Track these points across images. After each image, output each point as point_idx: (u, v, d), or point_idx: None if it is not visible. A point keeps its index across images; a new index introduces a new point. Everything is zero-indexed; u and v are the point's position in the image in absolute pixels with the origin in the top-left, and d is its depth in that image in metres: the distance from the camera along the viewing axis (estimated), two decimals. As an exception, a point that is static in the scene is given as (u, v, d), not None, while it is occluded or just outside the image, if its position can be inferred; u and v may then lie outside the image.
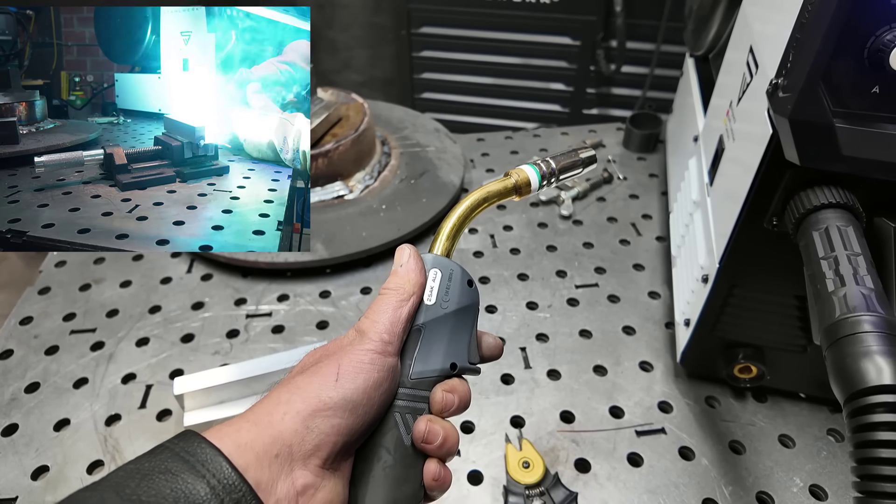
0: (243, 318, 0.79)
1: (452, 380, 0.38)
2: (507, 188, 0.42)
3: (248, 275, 0.85)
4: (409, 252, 0.38)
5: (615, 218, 0.95)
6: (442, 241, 0.40)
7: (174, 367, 0.72)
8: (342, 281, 0.84)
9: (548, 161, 0.44)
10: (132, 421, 0.67)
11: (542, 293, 0.81)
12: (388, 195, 0.93)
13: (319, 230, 0.86)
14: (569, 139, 1.14)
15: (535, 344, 0.75)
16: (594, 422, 0.66)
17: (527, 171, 0.43)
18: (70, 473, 0.62)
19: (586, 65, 1.48)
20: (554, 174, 0.44)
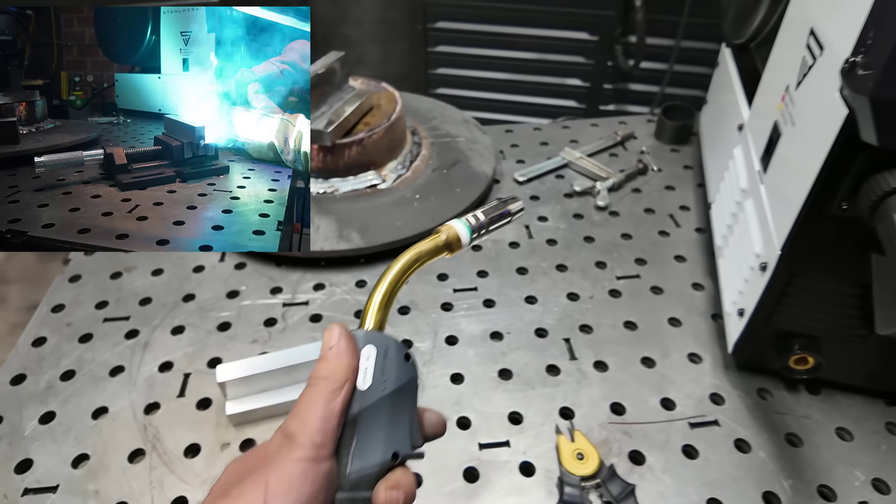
0: (280, 306, 0.78)
1: (395, 472, 0.34)
2: (439, 246, 0.41)
3: (282, 264, 0.84)
4: (339, 332, 0.34)
5: (652, 209, 0.93)
6: (374, 314, 0.37)
7: (212, 356, 0.71)
8: (377, 270, 0.83)
9: (476, 216, 0.44)
10: (171, 409, 0.65)
11: (583, 284, 0.80)
12: (421, 185, 0.91)
13: (353, 219, 0.85)
14: (598, 131, 1.12)
15: (578, 335, 0.73)
16: (645, 414, 0.64)
17: (456, 227, 0.42)
18: (111, 462, 0.61)
19: (603, 60, 1.46)
20: (484, 227, 0.44)
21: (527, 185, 0.99)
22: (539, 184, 0.99)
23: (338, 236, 0.83)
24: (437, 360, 0.70)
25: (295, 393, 0.66)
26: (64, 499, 0.58)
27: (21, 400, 0.67)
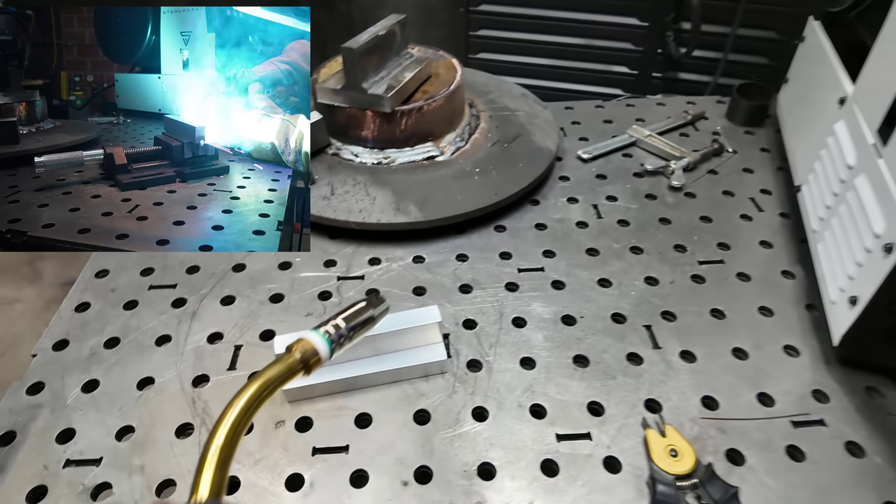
0: (334, 280, 0.73)
1: None
2: (292, 367, 0.35)
3: (336, 236, 0.79)
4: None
5: (731, 192, 0.86)
6: (211, 474, 0.30)
7: (264, 328, 0.66)
8: (435, 247, 0.77)
9: (337, 325, 0.38)
10: (222, 383, 0.61)
11: (661, 268, 0.73)
12: (481, 158, 0.86)
13: (410, 192, 0.79)
14: (665, 110, 1.05)
15: (661, 322, 0.67)
16: (741, 409, 0.58)
17: (314, 341, 0.37)
18: (158, 436, 0.56)
19: (653, 48, 1.39)
20: (346, 337, 0.38)
21: (592, 164, 0.92)
22: (605, 162, 0.92)
23: (395, 209, 0.77)
24: (504, 342, 0.64)
25: (354, 370, 0.61)
26: (108, 472, 0.53)
27: (64, 366, 0.63)
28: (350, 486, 0.52)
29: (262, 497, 0.52)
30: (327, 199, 0.79)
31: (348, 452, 0.55)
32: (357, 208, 0.77)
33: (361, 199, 0.78)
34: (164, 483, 0.53)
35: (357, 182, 0.81)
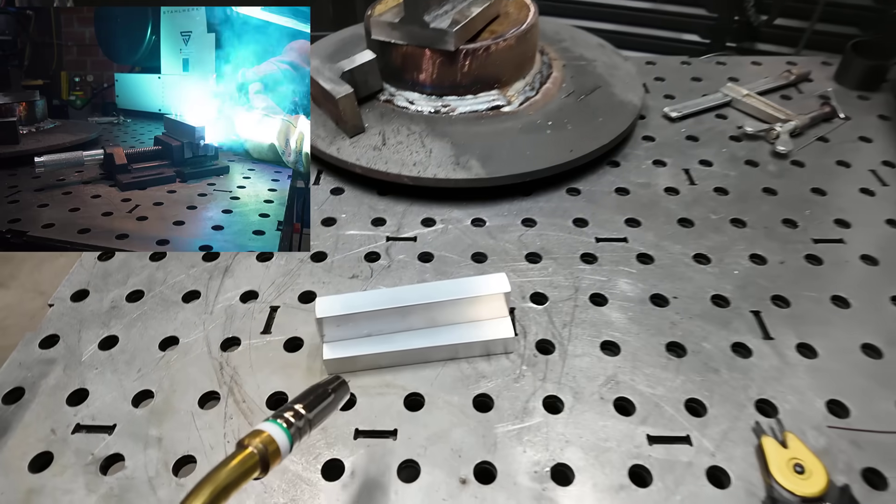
0: (383, 240, 0.64)
1: None
2: (249, 466, 0.30)
3: (386, 192, 0.70)
4: None
5: (846, 162, 0.73)
6: None
7: (304, 289, 0.58)
8: (498, 209, 0.67)
9: (297, 411, 0.33)
10: (254, 348, 0.53)
11: (769, 245, 0.62)
12: (554, 111, 0.75)
13: (472, 145, 0.70)
14: (762, 70, 0.92)
15: (771, 308, 0.56)
16: (880, 419, 0.47)
17: (270, 431, 0.31)
18: (178, 404, 0.49)
19: (729, 14, 1.23)
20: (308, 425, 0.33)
21: (680, 124, 0.80)
22: (695, 122, 0.80)
23: (454, 163, 0.68)
24: (580, 322, 0.54)
25: (404, 342, 0.52)
26: (121, 442, 0.46)
27: (81, 319, 0.56)
28: (397, 480, 0.44)
29: (294, 485, 0.44)
30: (378, 150, 0.69)
31: (396, 438, 0.46)
32: (411, 161, 0.68)
33: (416, 152, 0.69)
34: (182, 459, 0.45)
35: (412, 132, 0.71)
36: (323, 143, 0.71)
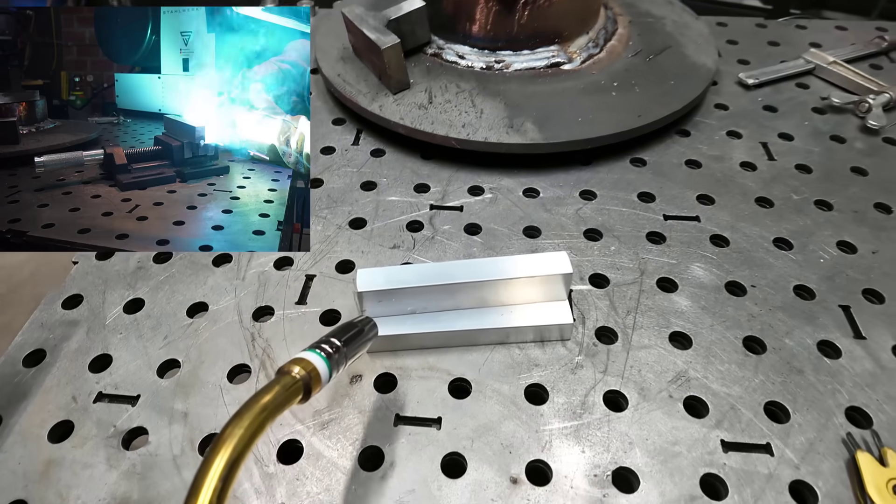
0: (427, 208, 0.59)
1: None
2: (292, 393, 0.31)
3: (430, 156, 0.65)
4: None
5: (950, 142, 0.65)
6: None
7: (342, 258, 0.54)
8: (553, 178, 0.62)
9: (331, 341, 0.35)
10: (289, 319, 0.49)
11: (859, 232, 0.55)
12: (620, 71, 0.68)
13: (528, 106, 0.63)
14: (848, 35, 0.83)
15: (863, 304, 0.49)
16: None
17: (312, 360, 0.32)
18: (206, 376, 0.45)
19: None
20: (343, 356, 0.35)
21: (757, 92, 0.72)
22: (774, 91, 0.72)
23: (507, 126, 0.62)
24: (646, 309, 0.49)
25: (451, 322, 0.48)
26: (144, 415, 0.43)
27: (106, 279, 0.53)
28: (441, 474, 0.40)
29: (328, 472, 0.40)
30: (423, 109, 0.64)
31: (440, 428, 0.42)
32: (460, 122, 0.62)
33: (466, 112, 0.63)
34: (209, 438, 0.42)
35: (461, 90, 0.65)
36: (364, 99, 0.66)
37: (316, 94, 0.74)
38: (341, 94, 0.68)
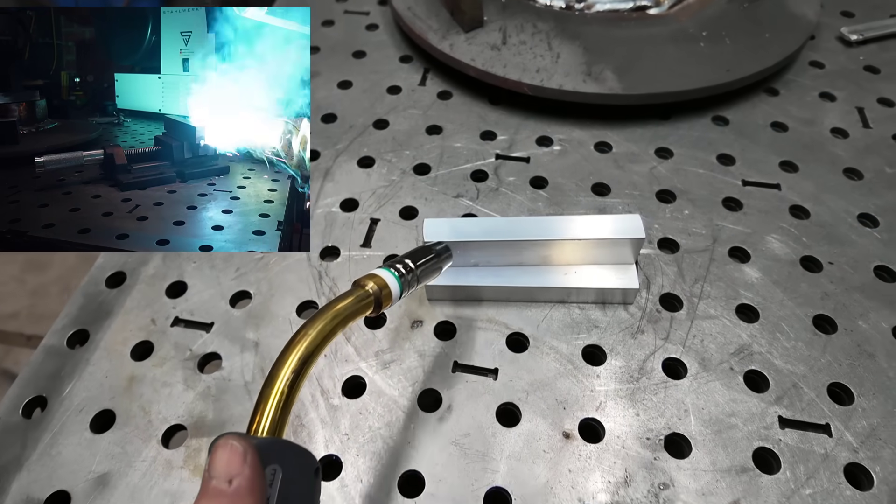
0: (492, 157, 0.58)
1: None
2: (363, 304, 0.32)
3: (498, 101, 0.63)
4: (242, 456, 0.24)
5: None
6: (271, 413, 0.27)
7: (406, 203, 0.54)
8: (628, 133, 0.59)
9: (405, 262, 0.36)
10: (353, 260, 0.50)
11: (956, 212, 0.52)
12: (712, 18, 0.63)
13: (609, 52, 0.60)
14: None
15: (950, 289, 0.47)
16: None
17: (384, 277, 0.34)
18: (276, 309, 0.47)
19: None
20: (415, 282, 0.36)
21: (860, 49, 0.67)
22: (880, 49, 0.66)
23: (584, 73, 0.59)
24: (715, 278, 0.48)
25: (513, 278, 0.48)
26: (218, 342, 0.46)
27: (181, 208, 0.55)
28: (496, 422, 0.41)
29: (389, 409, 0.42)
30: (497, 50, 0.61)
31: (497, 378, 0.43)
32: (534, 66, 0.60)
33: (541, 55, 0.61)
34: (279, 369, 0.44)
35: (538, 31, 0.63)
36: (434, 36, 0.64)
37: (383, 27, 0.72)
38: (410, 30, 0.66)
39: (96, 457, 0.41)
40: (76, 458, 0.41)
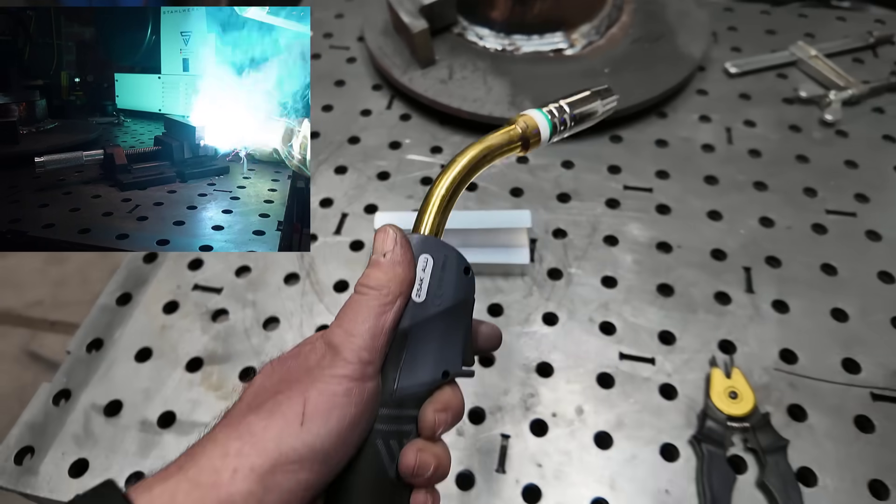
0: (437, 167, 0.75)
1: (444, 392, 0.31)
2: (513, 139, 0.35)
3: (446, 123, 0.80)
4: (395, 237, 0.31)
5: (893, 137, 0.75)
6: (431, 216, 0.32)
7: (369, 202, 0.71)
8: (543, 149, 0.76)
9: (561, 106, 0.36)
10: (327, 245, 0.67)
11: (783, 210, 0.68)
12: (616, 57, 0.80)
13: (530, 85, 0.77)
14: (846, 27, 0.90)
15: (762, 267, 0.63)
16: (821, 370, 0.56)
17: (535, 118, 0.36)
18: (270, 279, 0.65)
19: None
20: (567, 124, 0.37)
21: (738, 80, 0.83)
22: (755, 80, 0.83)
23: (509, 102, 0.76)
24: (590, 257, 0.65)
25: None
26: (226, 301, 0.63)
27: (200, 204, 0.72)
28: (421, 357, 0.58)
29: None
30: (444, 83, 0.79)
31: (424, 327, 0.60)
32: (472, 97, 0.77)
33: (478, 88, 0.78)
34: (269, 319, 0.62)
35: (477, 68, 0.80)
36: (398, 71, 0.81)
37: (360, 60, 0.90)
38: (379, 65, 0.83)
39: (139, 378, 0.58)
40: (125, 379, 0.58)
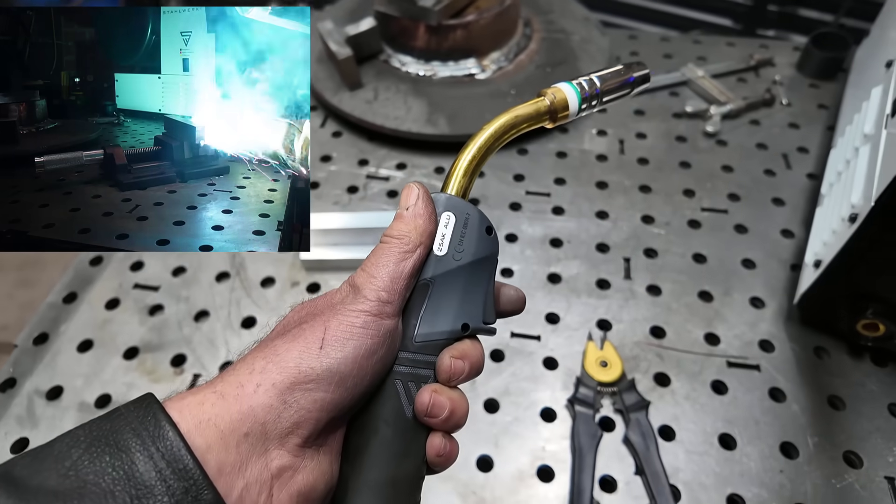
0: (363, 177, 0.83)
1: (463, 343, 0.33)
2: (540, 111, 0.35)
3: (373, 138, 0.89)
4: (418, 192, 0.32)
5: (765, 145, 0.85)
6: (458, 178, 0.34)
7: (296, 208, 0.79)
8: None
9: (591, 79, 0.36)
10: (256, 246, 0.75)
11: (663, 209, 0.77)
12: (521, 80, 0.90)
13: (445, 106, 0.86)
14: (734, 52, 1.02)
15: (640, 257, 0.72)
16: (685, 343, 0.64)
17: (564, 90, 0.35)
18: (202, 277, 0.72)
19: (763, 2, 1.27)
20: (597, 97, 0.36)
21: (635, 98, 0.93)
22: (649, 98, 0.93)
23: (426, 120, 0.85)
24: (494, 251, 0.73)
25: (363, 252, 0.73)
26: (162, 297, 0.70)
27: (143, 214, 0.79)
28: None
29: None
30: (370, 104, 0.88)
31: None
32: (393, 115, 0.86)
33: (399, 107, 0.87)
34: (200, 312, 0.68)
35: (399, 91, 0.89)
36: (329, 93, 0.90)
37: (301, 86, 0.99)
38: (314, 88, 0.92)
39: (80, 366, 0.64)
40: (67, 367, 0.64)
